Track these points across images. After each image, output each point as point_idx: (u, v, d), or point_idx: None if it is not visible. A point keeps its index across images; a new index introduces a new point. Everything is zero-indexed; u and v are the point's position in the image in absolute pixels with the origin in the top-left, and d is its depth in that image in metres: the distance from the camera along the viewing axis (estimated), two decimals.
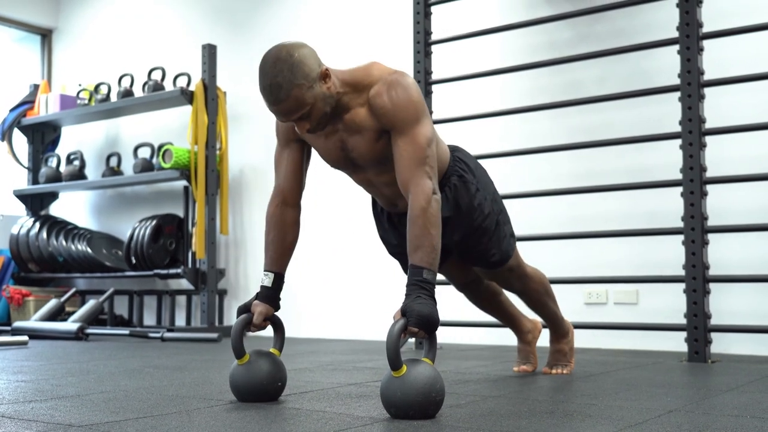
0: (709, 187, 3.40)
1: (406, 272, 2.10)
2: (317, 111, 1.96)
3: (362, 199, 4.38)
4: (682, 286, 3.36)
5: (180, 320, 5.68)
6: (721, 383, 2.55)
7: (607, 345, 3.94)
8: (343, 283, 4.92)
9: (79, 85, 6.13)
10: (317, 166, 2.34)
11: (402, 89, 2.01)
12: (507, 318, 2.83)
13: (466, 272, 2.65)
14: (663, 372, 2.89)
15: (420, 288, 1.90)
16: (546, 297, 2.69)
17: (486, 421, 1.77)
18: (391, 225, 2.40)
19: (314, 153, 2.28)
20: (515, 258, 2.51)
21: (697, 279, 3.29)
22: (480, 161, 4.19)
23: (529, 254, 4.17)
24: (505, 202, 4.21)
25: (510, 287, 2.65)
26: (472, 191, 2.30)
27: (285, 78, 1.89)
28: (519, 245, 4.14)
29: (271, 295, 2.16)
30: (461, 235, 2.33)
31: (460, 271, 2.65)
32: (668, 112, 3.69)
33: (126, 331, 4.58)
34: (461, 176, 2.30)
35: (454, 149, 2.39)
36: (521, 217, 4.24)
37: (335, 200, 4.98)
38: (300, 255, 2.33)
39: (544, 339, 2.98)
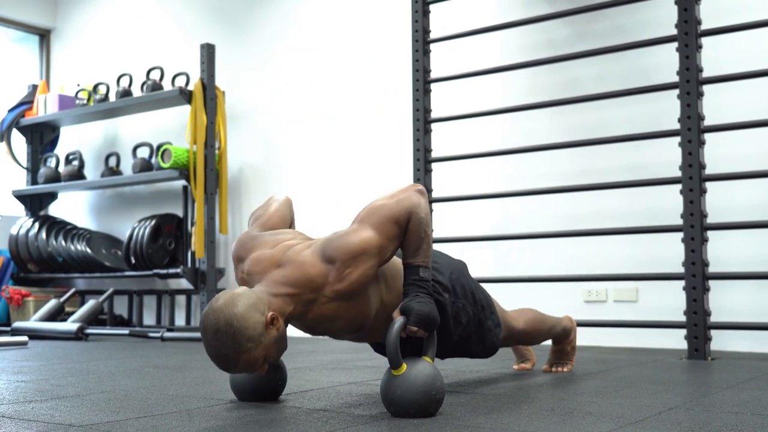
0: (708, 185, 3.40)
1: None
2: (271, 356, 1.83)
3: (362, 199, 4.38)
4: (682, 283, 3.36)
5: (180, 320, 5.68)
6: (720, 380, 2.55)
7: (607, 343, 3.95)
8: None
9: (78, 85, 6.13)
10: (318, 166, 2.34)
11: (349, 259, 1.83)
12: None
13: None
14: (663, 369, 2.89)
15: (418, 287, 1.90)
16: (541, 335, 2.68)
17: (486, 419, 1.77)
18: (381, 345, 2.36)
19: (317, 154, 2.22)
20: (505, 330, 2.45)
21: (696, 276, 3.29)
22: (479, 160, 4.22)
23: (528, 252, 4.19)
24: (505, 201, 4.25)
25: (508, 345, 2.66)
26: (448, 312, 2.21)
27: (230, 349, 1.75)
28: (519, 245, 4.16)
29: None
30: (444, 348, 2.29)
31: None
32: (667, 110, 3.69)
33: (126, 331, 4.58)
34: (436, 301, 2.15)
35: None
36: (520, 215, 4.25)
37: (335, 200, 4.98)
38: None
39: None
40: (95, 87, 5.87)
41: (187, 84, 5.43)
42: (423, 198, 1.95)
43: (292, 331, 4.79)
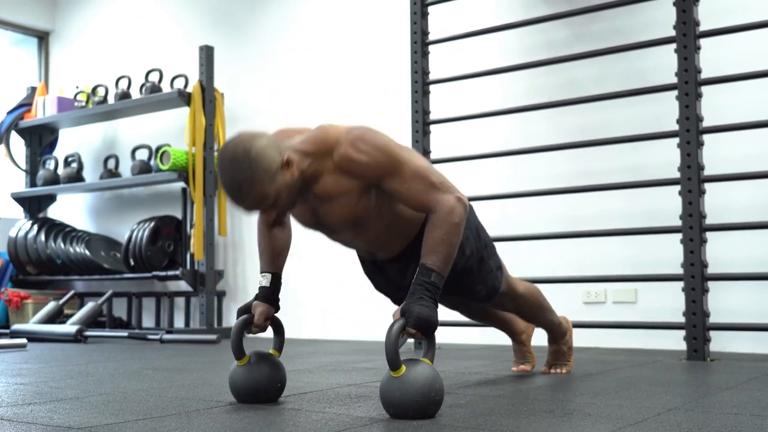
0: (707, 186, 3.40)
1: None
2: (282, 200, 1.89)
3: None
4: (681, 284, 3.36)
5: (179, 322, 5.68)
6: (720, 381, 2.55)
7: (606, 344, 3.95)
8: (342, 284, 4.91)
9: (77, 87, 6.13)
10: None
11: (368, 140, 1.94)
12: (499, 323, 2.84)
13: (455, 301, 2.66)
14: (662, 370, 2.89)
15: (425, 289, 1.89)
16: (540, 310, 2.67)
17: (485, 421, 1.77)
18: (375, 268, 2.36)
19: None
20: (505, 284, 2.47)
21: (695, 277, 3.29)
22: (478, 162, 4.23)
23: (527, 254, 4.19)
24: (503, 202, 4.25)
25: (504, 308, 2.65)
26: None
27: (245, 176, 1.81)
28: (518, 246, 4.16)
29: (270, 295, 2.16)
30: (446, 280, 2.30)
31: (448, 301, 2.65)
32: (666, 111, 3.69)
33: (125, 333, 4.58)
34: None
35: None
36: (519, 216, 4.25)
37: None
38: (300, 256, 2.34)
39: (542, 339, 2.98)
40: (94, 89, 5.87)
41: (186, 86, 5.43)
42: (461, 208, 1.96)
43: (291, 332, 4.79)
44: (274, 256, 2.17)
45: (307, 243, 3.34)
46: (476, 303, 2.56)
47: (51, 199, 6.29)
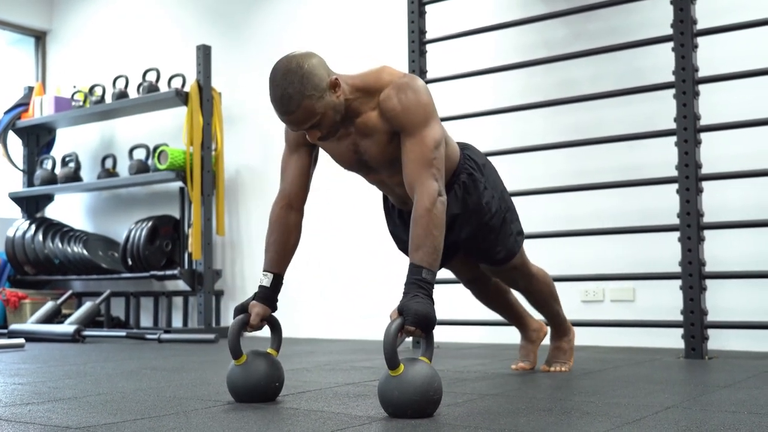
0: (705, 184, 3.40)
1: None
2: (327, 120, 1.99)
3: (361, 200, 4.37)
4: (679, 282, 3.37)
5: (177, 321, 5.68)
6: (718, 379, 2.56)
7: (604, 342, 3.95)
8: (341, 283, 4.91)
9: (74, 87, 6.12)
10: (318, 167, 2.33)
11: (412, 92, 2.04)
12: (514, 316, 2.85)
13: (473, 268, 2.69)
14: (660, 369, 2.89)
15: (418, 287, 1.90)
16: (550, 297, 2.72)
17: (484, 419, 1.77)
18: (402, 221, 2.42)
19: (321, 156, 2.27)
20: (521, 256, 2.54)
21: (693, 276, 3.30)
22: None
23: (526, 253, 4.17)
24: None
25: (515, 285, 2.67)
26: (480, 189, 2.34)
27: (295, 89, 1.92)
28: None
29: (268, 295, 2.16)
30: (468, 233, 2.35)
31: (467, 267, 2.69)
32: (663, 110, 3.69)
33: (123, 333, 4.57)
34: (470, 174, 2.34)
35: (464, 147, 2.43)
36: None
37: (334, 200, 4.98)
38: (299, 255, 2.33)
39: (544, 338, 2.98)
40: (91, 89, 5.86)
41: (183, 85, 5.43)
42: (441, 206, 2.00)
43: (289, 331, 4.80)
44: (280, 256, 2.18)
45: (307, 242, 3.34)
46: (493, 266, 2.56)
47: (48, 198, 6.28)
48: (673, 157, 3.45)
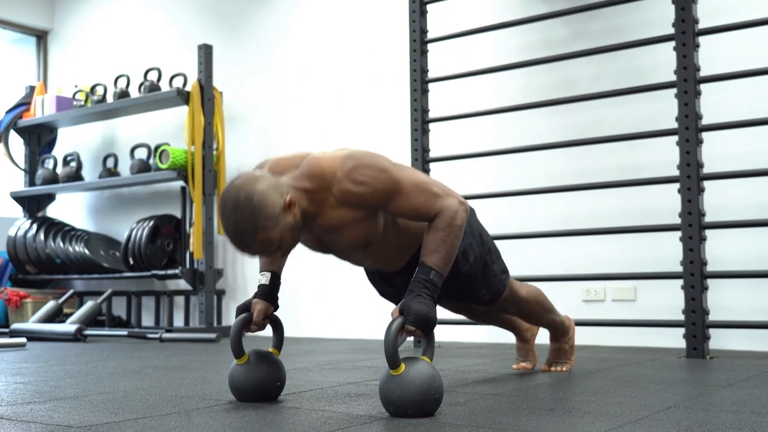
0: (706, 184, 3.40)
1: None
2: (286, 242, 1.87)
3: None
4: (680, 282, 3.36)
5: (178, 321, 5.68)
6: (719, 379, 2.56)
7: (606, 342, 3.95)
8: (341, 282, 4.91)
9: (75, 86, 6.12)
10: None
11: (364, 170, 1.90)
12: (504, 323, 2.85)
13: (462, 306, 2.70)
14: (662, 368, 2.89)
15: (423, 287, 1.90)
16: (542, 312, 2.68)
17: (485, 419, 1.77)
18: (381, 278, 2.37)
19: None
20: (508, 288, 2.48)
21: (694, 275, 3.29)
22: (477, 160, 4.22)
23: (527, 252, 4.19)
24: (501, 201, 4.25)
25: (506, 312, 2.66)
26: (464, 241, 2.26)
27: (248, 224, 1.78)
28: (518, 244, 4.16)
29: (269, 293, 2.16)
30: (451, 286, 2.31)
31: (456, 306, 2.71)
32: (664, 109, 3.69)
33: (124, 332, 4.58)
34: None
35: None
36: (518, 215, 4.25)
37: None
38: (299, 255, 2.33)
39: (543, 337, 2.98)
40: (93, 88, 5.87)
41: (184, 85, 5.43)
42: (462, 211, 1.98)
43: (290, 330, 4.79)
44: (274, 256, 2.17)
45: None
46: (480, 306, 2.56)
47: (50, 198, 6.29)
48: (675, 157, 3.45)
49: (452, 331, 4.23)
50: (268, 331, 2.23)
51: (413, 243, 2.14)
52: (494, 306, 2.53)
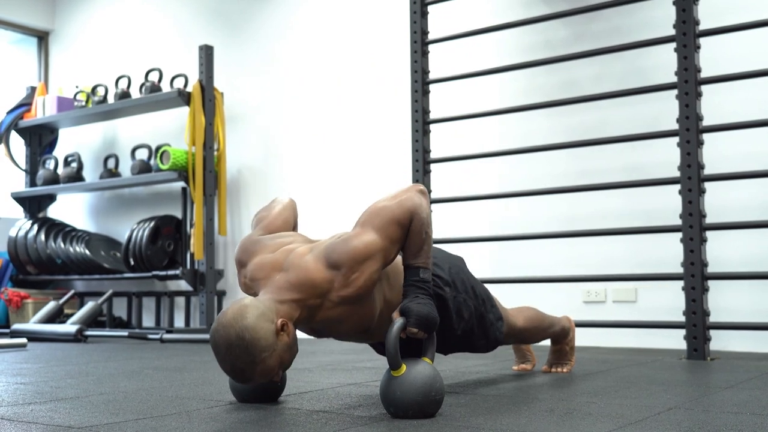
0: (707, 185, 3.40)
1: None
2: (286, 361, 1.84)
3: (361, 200, 4.38)
4: (681, 283, 3.36)
5: (179, 321, 5.68)
6: (720, 380, 2.55)
7: (606, 343, 3.95)
8: None
9: (76, 87, 6.12)
10: (316, 167, 2.34)
11: (353, 265, 1.83)
12: None
13: None
14: (662, 369, 2.89)
15: (417, 288, 1.90)
16: (541, 332, 2.68)
17: (486, 420, 1.77)
18: (381, 345, 2.36)
19: (322, 153, 2.22)
20: (506, 327, 2.46)
21: (695, 276, 3.29)
22: (478, 161, 4.22)
23: (528, 254, 4.19)
24: (504, 201, 4.25)
25: (508, 344, 2.66)
26: (450, 307, 2.23)
27: (244, 362, 1.75)
28: (518, 246, 4.16)
29: None
30: (448, 343, 2.30)
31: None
32: (665, 110, 3.69)
33: (125, 333, 4.57)
34: (438, 295, 2.19)
35: None
36: (519, 216, 4.25)
37: (334, 201, 4.98)
38: None
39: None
40: (94, 89, 5.87)
41: (185, 85, 5.43)
42: (424, 198, 1.96)
43: None
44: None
45: None
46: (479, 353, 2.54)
47: (51, 198, 6.29)
48: (676, 158, 3.45)
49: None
50: None
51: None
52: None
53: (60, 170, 6.07)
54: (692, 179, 3.33)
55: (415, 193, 1.95)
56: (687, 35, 3.38)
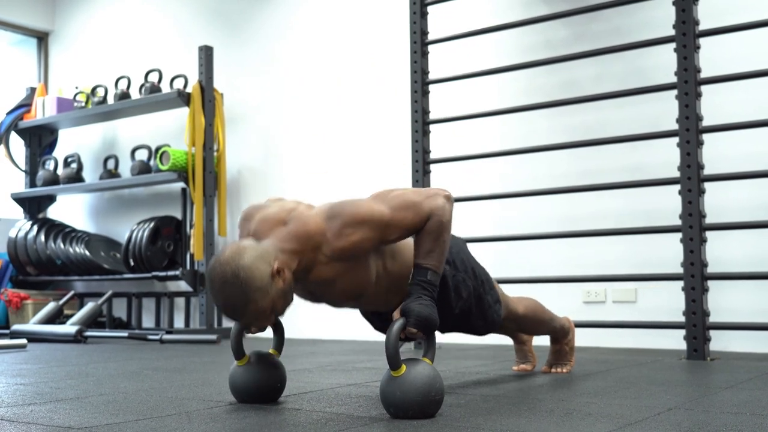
0: (707, 185, 3.40)
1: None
2: (279, 307, 1.86)
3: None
4: (681, 284, 3.36)
5: (179, 322, 5.68)
6: (720, 381, 2.55)
7: (606, 343, 3.95)
8: None
9: (76, 87, 6.13)
10: (316, 167, 2.34)
11: (349, 222, 1.87)
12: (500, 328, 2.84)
13: None
14: (662, 370, 2.89)
15: (422, 288, 1.91)
16: (541, 324, 2.68)
17: (486, 420, 1.77)
18: (381, 318, 2.36)
19: (319, 158, 2.23)
20: (505, 310, 2.47)
21: (695, 277, 3.29)
22: (478, 161, 4.22)
23: (527, 254, 4.19)
24: (504, 202, 4.25)
25: (506, 329, 2.66)
26: (449, 285, 2.25)
27: (238, 299, 1.78)
28: (518, 246, 4.16)
29: None
30: (446, 322, 2.30)
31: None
32: (665, 111, 3.69)
33: (125, 334, 4.57)
34: None
35: None
36: (519, 216, 4.25)
37: (334, 199, 4.98)
38: None
39: (543, 338, 2.98)
40: (93, 89, 5.87)
41: (185, 86, 5.43)
42: (449, 204, 1.98)
43: (291, 332, 4.79)
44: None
45: None
46: (478, 335, 2.55)
47: (51, 199, 6.29)
48: (676, 158, 3.45)
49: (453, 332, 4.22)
50: (268, 332, 2.23)
51: (406, 286, 2.04)
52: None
53: (60, 171, 6.07)
54: (692, 179, 3.33)
55: (442, 197, 1.97)
56: (687, 35, 3.38)
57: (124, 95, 5.66)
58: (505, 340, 4.00)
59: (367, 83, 4.97)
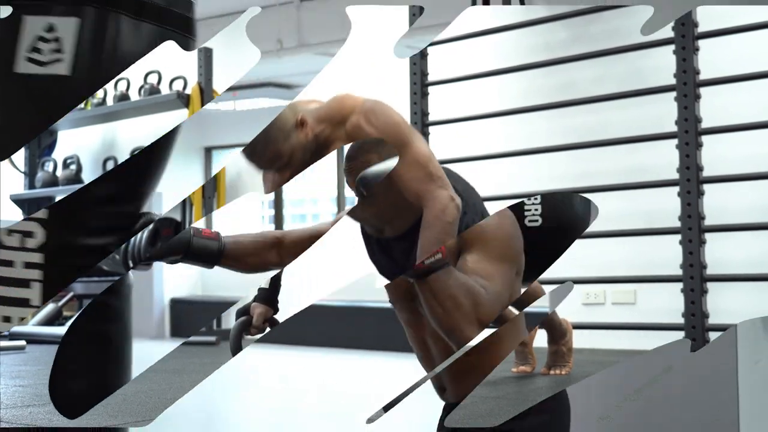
0: (706, 187, 3.40)
1: None
2: (296, 160, 1.90)
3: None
4: (680, 285, 3.36)
5: None
6: None
7: (605, 345, 3.93)
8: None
9: None
10: (316, 167, 2.33)
11: (381, 114, 1.96)
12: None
13: None
14: None
15: None
16: (540, 291, 2.67)
17: (485, 421, 1.76)
18: (380, 248, 2.35)
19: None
20: None
21: (694, 278, 3.29)
22: (477, 163, 4.22)
23: None
24: (504, 203, 4.22)
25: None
26: (462, 221, 2.18)
27: (260, 136, 1.85)
28: None
29: (269, 296, 2.15)
30: None
31: None
32: (664, 112, 3.68)
33: None
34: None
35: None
36: None
37: (334, 202, 4.97)
38: (298, 256, 2.33)
39: (542, 339, 2.97)
40: None
41: (184, 88, 5.42)
42: (455, 211, 1.96)
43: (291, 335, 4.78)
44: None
45: None
46: None
47: (50, 201, 6.27)
48: (675, 160, 3.44)
49: None
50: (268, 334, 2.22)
51: (416, 210, 2.05)
52: None
53: (59, 172, 6.06)
54: (691, 181, 3.32)
55: (451, 202, 1.95)
56: (686, 37, 3.38)
57: (124, 97, 5.65)
58: None
59: (366, 84, 4.96)
